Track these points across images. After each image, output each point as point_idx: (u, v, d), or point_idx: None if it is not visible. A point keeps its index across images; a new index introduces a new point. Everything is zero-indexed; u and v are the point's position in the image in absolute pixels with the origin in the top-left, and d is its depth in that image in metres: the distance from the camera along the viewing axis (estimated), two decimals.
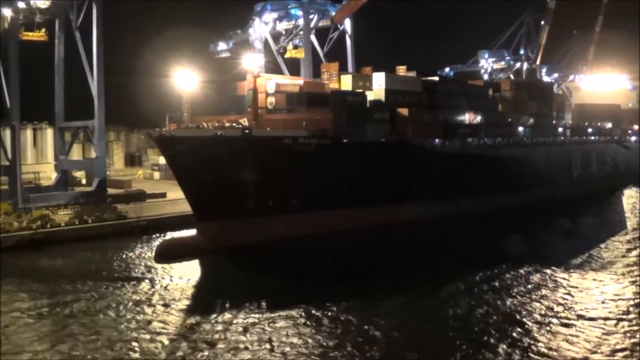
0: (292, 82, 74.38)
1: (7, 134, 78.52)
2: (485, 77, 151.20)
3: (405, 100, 76.40)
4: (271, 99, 71.33)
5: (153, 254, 60.59)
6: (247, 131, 61.08)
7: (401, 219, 70.31)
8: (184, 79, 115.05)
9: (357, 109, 69.54)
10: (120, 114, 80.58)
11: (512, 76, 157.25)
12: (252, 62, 73.69)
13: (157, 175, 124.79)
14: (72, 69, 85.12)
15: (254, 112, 70.03)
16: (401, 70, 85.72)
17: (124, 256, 61.05)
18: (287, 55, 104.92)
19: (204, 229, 62.76)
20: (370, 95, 74.92)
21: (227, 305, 45.13)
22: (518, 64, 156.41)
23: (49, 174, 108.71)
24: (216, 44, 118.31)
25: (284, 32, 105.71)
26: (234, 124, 65.55)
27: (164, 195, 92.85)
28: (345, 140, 67.04)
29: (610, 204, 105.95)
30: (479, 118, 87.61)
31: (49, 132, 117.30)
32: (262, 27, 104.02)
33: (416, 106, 77.48)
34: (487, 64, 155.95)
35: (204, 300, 47.78)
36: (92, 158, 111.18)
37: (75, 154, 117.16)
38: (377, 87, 75.13)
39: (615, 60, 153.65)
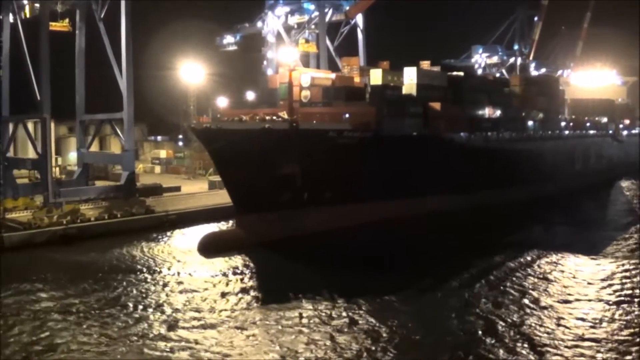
0: (325, 76, 74.71)
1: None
2: (479, 72, 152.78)
3: (433, 95, 77.33)
4: (306, 93, 71.45)
5: (197, 247, 60.63)
6: (294, 124, 61.08)
7: (430, 210, 71.58)
8: (190, 72, 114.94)
9: (396, 103, 70.10)
10: (116, 107, 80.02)
11: (504, 71, 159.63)
12: (287, 55, 73.44)
13: (157, 169, 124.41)
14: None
15: (289, 106, 69.94)
16: (425, 65, 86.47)
17: (165, 250, 60.81)
18: (298, 49, 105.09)
19: (246, 222, 62.79)
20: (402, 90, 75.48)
21: (290, 295, 45.67)
22: (512, 59, 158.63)
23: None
24: (222, 37, 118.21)
25: (295, 26, 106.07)
26: (274, 117, 65.47)
27: (178, 189, 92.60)
28: (384, 134, 67.42)
29: (612, 194, 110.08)
30: (497, 113, 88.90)
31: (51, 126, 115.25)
32: (275, 20, 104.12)
33: (442, 101, 78.15)
34: (480, 58, 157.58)
35: (268, 292, 47.86)
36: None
37: (72, 147, 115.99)
38: (408, 81, 75.79)
39: (604, 56, 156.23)
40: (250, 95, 76.06)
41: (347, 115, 65.89)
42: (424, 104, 74.48)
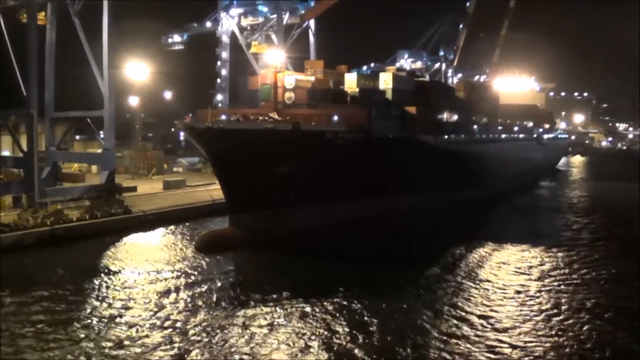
0: (306, 79, 76.29)
1: None
2: None
3: (405, 99, 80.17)
4: (290, 94, 72.60)
5: (195, 245, 60.94)
6: (296, 125, 62.49)
7: (402, 208, 74.93)
8: (135, 70, 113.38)
9: (382, 106, 72.68)
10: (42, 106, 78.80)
11: (427, 77, 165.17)
12: (274, 57, 74.63)
13: (94, 168, 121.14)
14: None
15: (274, 107, 71.14)
16: (392, 70, 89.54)
17: (162, 250, 60.59)
18: (251, 51, 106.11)
19: (243, 221, 63.54)
20: None
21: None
22: (436, 65, 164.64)
23: None
24: (169, 36, 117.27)
25: (248, 28, 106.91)
26: (266, 118, 66.53)
27: (134, 189, 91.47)
28: (374, 136, 69.86)
29: (544, 194, 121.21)
30: (455, 117, 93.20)
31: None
32: (229, 21, 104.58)
33: (413, 104, 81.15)
34: (405, 63, 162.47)
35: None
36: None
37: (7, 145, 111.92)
38: (384, 85, 78.19)
39: (522, 62, 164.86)
40: (168, 95, 76.64)
41: (336, 117, 67.64)
42: (401, 108, 77.46)
